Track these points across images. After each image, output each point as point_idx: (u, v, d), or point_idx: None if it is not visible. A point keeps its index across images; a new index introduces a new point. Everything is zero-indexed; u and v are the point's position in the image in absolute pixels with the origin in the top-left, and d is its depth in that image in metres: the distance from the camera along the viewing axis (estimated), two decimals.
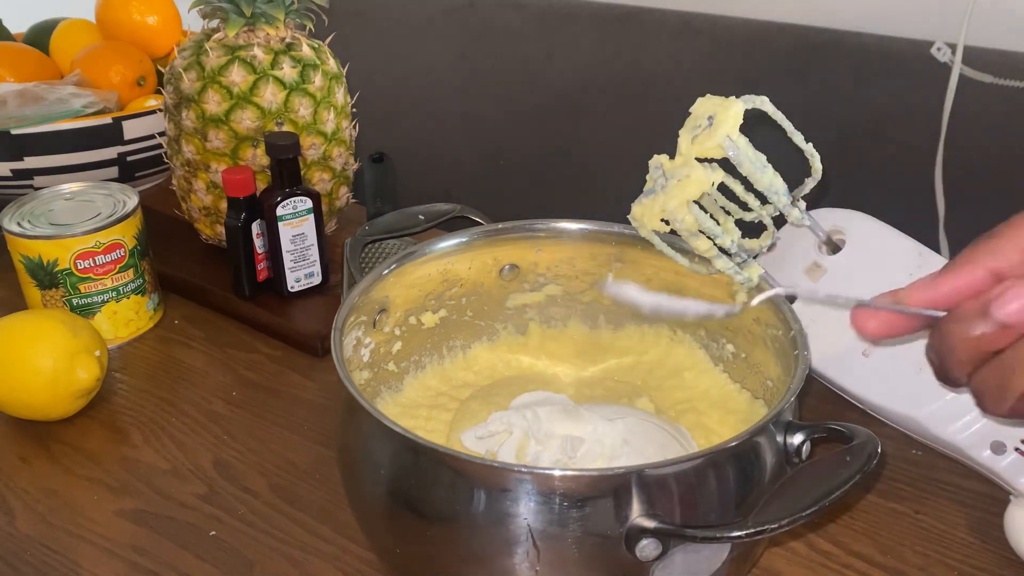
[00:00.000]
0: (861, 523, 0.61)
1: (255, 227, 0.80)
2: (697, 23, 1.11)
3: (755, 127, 0.52)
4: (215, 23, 0.85)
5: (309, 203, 0.79)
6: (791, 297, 0.67)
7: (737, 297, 0.59)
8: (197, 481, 0.65)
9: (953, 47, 0.92)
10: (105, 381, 0.72)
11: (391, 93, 1.36)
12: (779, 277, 0.55)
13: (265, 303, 0.82)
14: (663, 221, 0.53)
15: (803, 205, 0.55)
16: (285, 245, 0.80)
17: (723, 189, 0.54)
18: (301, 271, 0.82)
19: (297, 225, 0.79)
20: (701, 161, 0.52)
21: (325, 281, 0.84)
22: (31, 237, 0.74)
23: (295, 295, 0.82)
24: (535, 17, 1.24)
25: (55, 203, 0.79)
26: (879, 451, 0.45)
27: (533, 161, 1.30)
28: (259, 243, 0.81)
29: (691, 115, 0.54)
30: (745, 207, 0.56)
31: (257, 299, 0.83)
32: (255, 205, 0.79)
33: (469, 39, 1.32)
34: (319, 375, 0.76)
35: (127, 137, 0.94)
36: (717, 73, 1.10)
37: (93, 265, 0.76)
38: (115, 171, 0.95)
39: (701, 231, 0.52)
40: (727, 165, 0.52)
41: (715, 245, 0.53)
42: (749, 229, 0.57)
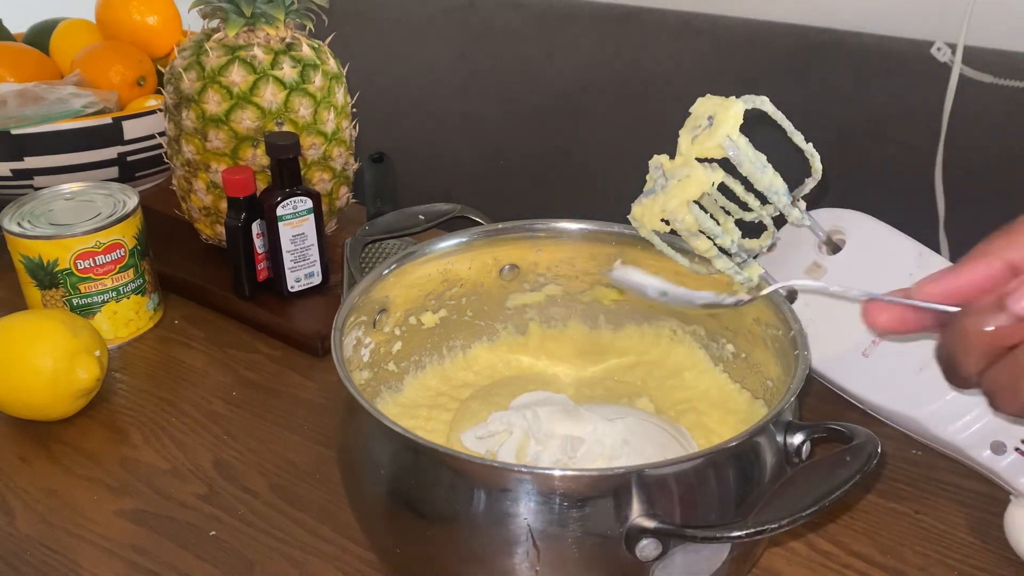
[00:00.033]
0: (861, 523, 0.61)
1: (255, 227, 0.80)
2: (697, 23, 1.11)
3: (755, 127, 0.52)
4: (215, 23, 0.85)
5: (309, 203, 0.79)
6: (791, 297, 0.67)
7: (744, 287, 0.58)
8: (197, 481, 0.65)
9: (953, 47, 0.92)
10: (105, 381, 0.72)
11: (391, 93, 1.36)
12: (779, 277, 0.54)
13: (265, 303, 0.82)
14: (663, 221, 0.53)
15: (803, 205, 0.55)
16: (285, 245, 0.80)
17: (723, 189, 0.54)
18: (301, 271, 0.82)
19: (297, 225, 0.79)
20: (701, 161, 0.52)
21: (325, 281, 0.84)
22: (31, 237, 0.74)
23: (295, 295, 0.82)
24: (535, 17, 1.24)
25: (55, 203, 0.79)
26: (879, 451, 0.45)
27: (533, 161, 1.29)
28: (259, 243, 0.81)
29: (691, 115, 0.54)
30: (745, 207, 0.56)
31: (257, 299, 0.83)
32: (255, 205, 0.79)
33: (469, 39, 1.32)
34: (319, 375, 0.76)
35: (127, 137, 0.94)
36: (717, 73, 1.10)
37: (93, 265, 0.76)
38: (115, 171, 0.95)
39: (701, 231, 0.52)
40: (727, 165, 0.52)
41: (715, 245, 0.53)
42: (749, 229, 0.57)
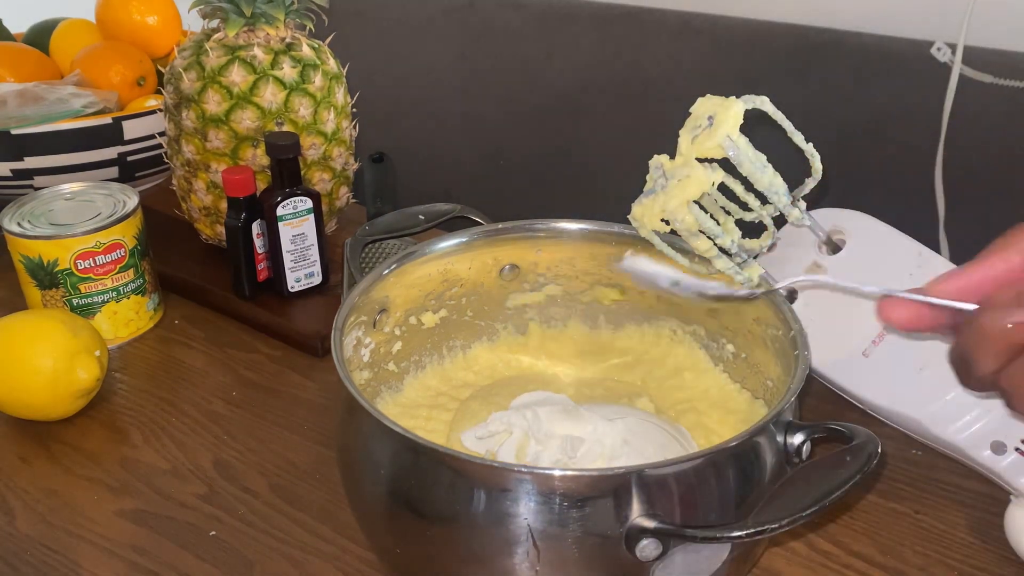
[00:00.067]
0: (861, 523, 0.61)
1: (255, 227, 0.80)
2: (697, 23, 1.11)
3: (755, 127, 0.52)
4: (215, 23, 0.85)
5: (309, 203, 0.79)
6: (791, 297, 0.67)
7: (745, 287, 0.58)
8: (197, 481, 0.65)
9: (953, 47, 0.92)
10: (105, 381, 0.72)
11: (391, 93, 1.36)
12: (779, 277, 0.54)
13: (265, 303, 0.82)
14: (663, 221, 0.53)
15: (803, 205, 0.55)
16: (285, 245, 0.80)
17: (723, 189, 0.54)
18: (301, 271, 0.82)
19: (297, 225, 0.79)
20: (701, 161, 0.52)
21: (325, 281, 0.84)
22: (31, 237, 0.74)
23: (295, 295, 0.82)
24: (535, 17, 1.24)
25: (55, 203, 0.79)
26: (879, 451, 0.45)
27: (533, 161, 1.29)
28: (259, 243, 0.81)
29: (691, 115, 0.54)
30: (745, 207, 0.56)
31: (257, 299, 0.83)
32: (255, 205, 0.79)
33: (469, 39, 1.32)
34: (319, 375, 0.76)
35: (127, 137, 0.94)
36: (717, 73, 1.10)
37: (93, 265, 0.76)
38: (115, 171, 0.95)
39: (701, 231, 0.52)
40: (727, 165, 0.52)
41: (715, 245, 0.53)
42: (749, 229, 0.57)
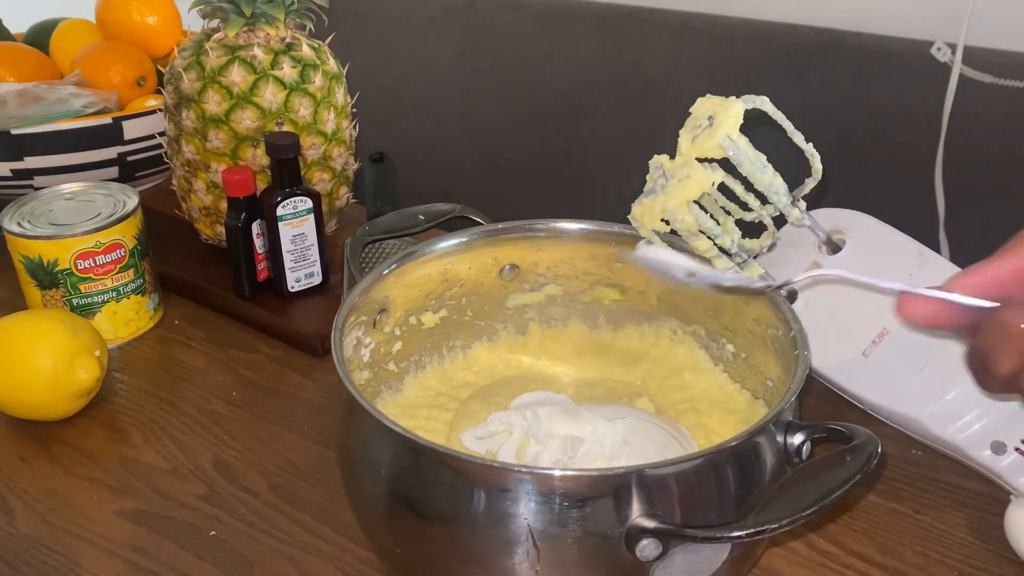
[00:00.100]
0: (861, 523, 0.61)
1: (255, 227, 0.80)
2: (697, 23, 1.11)
3: (755, 127, 0.52)
4: (215, 23, 0.85)
5: (309, 203, 0.79)
6: (791, 296, 0.67)
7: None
8: (197, 481, 0.65)
9: (953, 47, 0.92)
10: (105, 381, 0.72)
11: (391, 93, 1.36)
12: (779, 277, 0.54)
13: (265, 303, 0.82)
14: (663, 221, 0.53)
15: (803, 205, 0.55)
16: (285, 245, 0.80)
17: (723, 189, 0.54)
18: (301, 271, 0.82)
19: (297, 225, 0.79)
20: (701, 161, 0.52)
21: (325, 281, 0.84)
22: (31, 237, 0.74)
23: (295, 295, 0.82)
24: (535, 17, 1.24)
25: (55, 203, 0.79)
26: (879, 451, 0.45)
27: (533, 161, 1.29)
28: (259, 243, 0.81)
29: (691, 115, 0.54)
30: (745, 207, 0.56)
31: (257, 299, 0.83)
32: (255, 205, 0.79)
33: (469, 39, 1.32)
34: (319, 375, 0.76)
35: (127, 137, 0.94)
36: (717, 73, 1.10)
37: (93, 265, 0.76)
38: (115, 171, 0.95)
39: (701, 231, 0.52)
40: (727, 165, 0.52)
41: (715, 245, 0.53)
42: (749, 229, 0.57)
